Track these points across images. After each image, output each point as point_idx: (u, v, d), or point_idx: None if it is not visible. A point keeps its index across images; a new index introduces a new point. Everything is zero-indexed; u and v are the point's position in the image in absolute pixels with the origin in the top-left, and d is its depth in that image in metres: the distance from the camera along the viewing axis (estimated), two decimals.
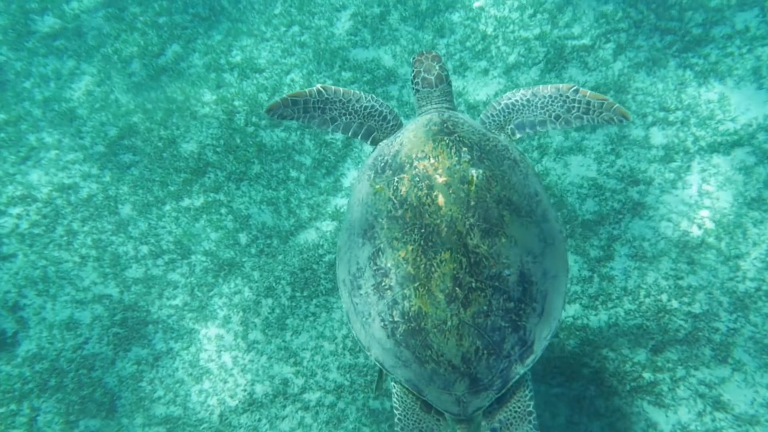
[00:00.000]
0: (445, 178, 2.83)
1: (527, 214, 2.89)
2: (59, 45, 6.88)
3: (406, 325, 2.76)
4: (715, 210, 5.00)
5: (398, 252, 2.77)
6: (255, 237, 5.64)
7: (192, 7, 7.12)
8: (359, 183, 3.17)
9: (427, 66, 3.46)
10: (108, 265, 5.47)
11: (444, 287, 2.69)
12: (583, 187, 5.41)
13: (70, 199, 5.78)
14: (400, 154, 3.01)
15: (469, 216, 2.76)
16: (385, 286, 2.80)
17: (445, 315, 2.69)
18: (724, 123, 5.38)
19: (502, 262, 2.73)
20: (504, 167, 2.96)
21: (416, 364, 2.77)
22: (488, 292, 2.70)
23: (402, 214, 2.83)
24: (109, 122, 6.26)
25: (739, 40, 5.68)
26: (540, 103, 3.41)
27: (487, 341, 2.70)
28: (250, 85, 6.49)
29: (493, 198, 2.83)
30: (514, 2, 6.61)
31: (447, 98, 3.49)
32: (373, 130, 3.48)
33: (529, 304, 2.78)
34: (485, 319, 2.69)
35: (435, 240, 2.74)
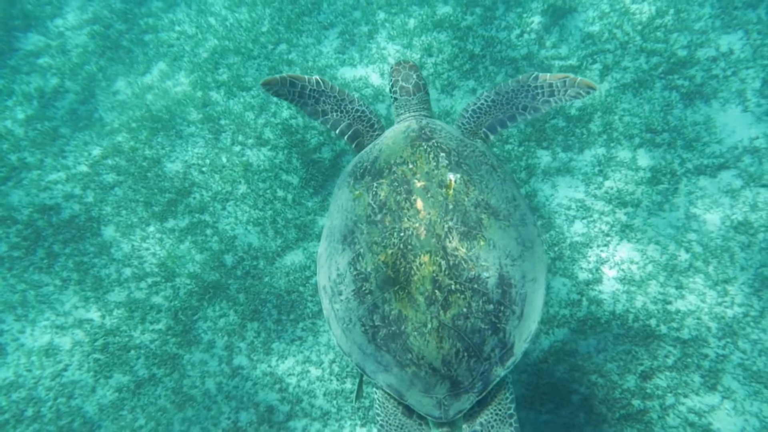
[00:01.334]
0: (423, 183, 2.87)
1: (505, 217, 2.92)
2: (43, 63, 6.78)
3: (387, 329, 2.77)
4: (702, 233, 5.00)
5: (378, 256, 2.79)
6: (241, 258, 5.56)
7: (178, 25, 7.06)
8: (339, 190, 3.20)
9: (405, 75, 3.51)
10: (90, 289, 5.36)
11: (424, 290, 2.70)
12: (571, 209, 5.40)
13: (52, 221, 5.67)
14: (379, 160, 3.04)
15: (448, 219, 2.79)
16: (365, 290, 2.81)
17: (425, 318, 2.70)
18: (710, 145, 5.39)
19: (481, 265, 2.76)
20: (482, 172, 3.00)
21: (397, 368, 2.78)
22: (468, 294, 2.71)
23: (381, 219, 2.86)
24: (93, 141, 6.17)
25: (723, 63, 5.72)
26: (505, 100, 3.47)
27: (468, 343, 2.71)
28: (236, 103, 6.43)
29: (471, 202, 2.86)
30: (501, 22, 6.62)
31: (425, 106, 3.54)
32: (359, 135, 3.51)
33: (509, 306, 2.79)
34: (465, 321, 2.70)
35: (414, 243, 2.76)
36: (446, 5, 6.93)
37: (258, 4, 7.17)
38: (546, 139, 5.77)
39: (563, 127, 5.80)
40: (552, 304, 4.99)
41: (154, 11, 7.18)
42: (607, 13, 6.30)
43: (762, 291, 4.65)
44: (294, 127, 6.21)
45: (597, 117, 5.79)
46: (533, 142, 5.79)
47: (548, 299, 5.04)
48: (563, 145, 5.72)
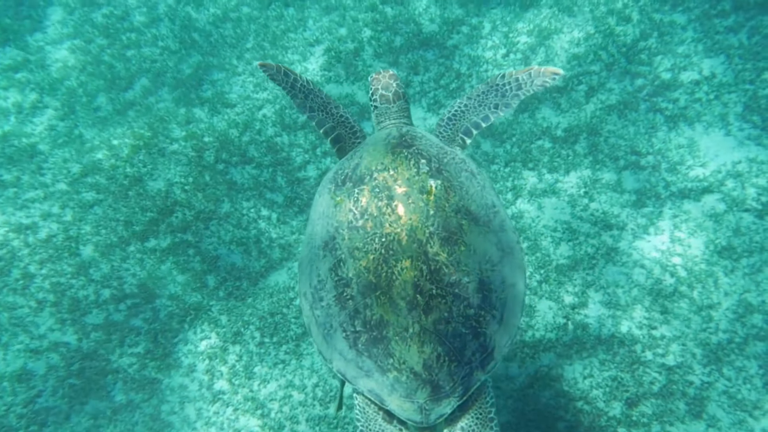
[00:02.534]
0: (404, 189, 2.89)
1: (485, 223, 2.96)
2: (21, 78, 6.64)
3: (368, 334, 2.77)
4: (686, 257, 5.01)
5: (359, 261, 2.80)
6: (224, 279, 5.46)
7: (161, 40, 6.97)
8: (320, 197, 3.20)
9: (385, 83, 3.55)
10: (66, 311, 5.22)
11: (405, 294, 2.71)
12: (557, 231, 5.39)
13: (28, 240, 5.52)
14: (360, 167, 3.05)
15: (429, 225, 2.81)
16: (346, 296, 2.81)
17: (407, 322, 2.71)
18: (694, 168, 5.43)
19: (462, 270, 2.78)
20: (462, 178, 3.02)
21: (378, 373, 2.78)
22: (449, 299, 2.73)
23: (363, 224, 2.86)
24: (72, 159, 6.03)
25: (706, 86, 5.77)
26: (477, 103, 3.56)
27: (449, 348, 2.72)
28: (220, 120, 6.35)
29: (452, 208, 2.88)
30: (488, 41, 6.64)
31: (405, 114, 3.57)
32: (342, 140, 3.56)
33: (489, 311, 2.82)
34: (446, 326, 2.72)
35: (396, 248, 2.77)
36: (433, 24, 6.93)
37: (243, 20, 7.11)
38: (532, 160, 5.77)
39: (549, 149, 5.81)
40: (538, 327, 4.96)
41: (136, 26, 7.09)
42: (593, 35, 6.35)
43: (746, 317, 4.66)
44: (279, 145, 6.15)
45: (583, 138, 5.81)
46: (519, 163, 5.78)
47: (534, 323, 5.01)
48: (549, 167, 5.72)
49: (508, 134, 5.94)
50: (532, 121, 6.00)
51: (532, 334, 4.93)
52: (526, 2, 6.76)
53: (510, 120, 6.04)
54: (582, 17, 6.51)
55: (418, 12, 7.07)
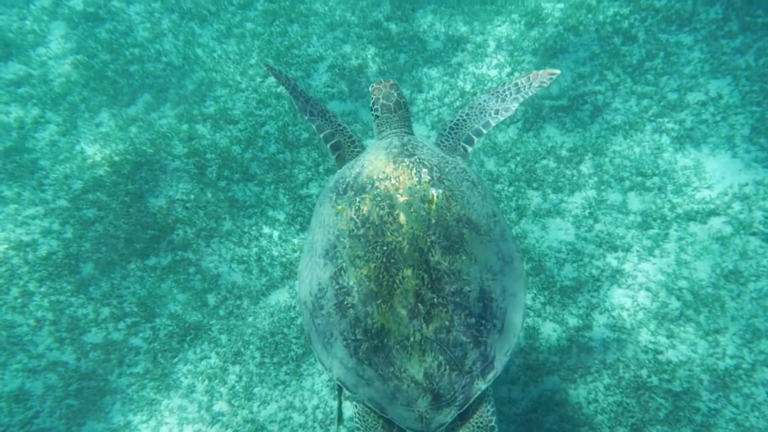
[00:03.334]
0: (406, 198, 2.90)
1: (486, 232, 2.97)
2: (23, 92, 6.62)
3: (369, 343, 2.77)
4: (693, 281, 4.95)
5: (360, 270, 2.81)
6: (224, 298, 5.41)
7: (165, 56, 6.96)
8: (321, 206, 3.22)
9: (386, 93, 3.58)
10: (65, 329, 5.16)
11: (406, 303, 2.72)
12: (562, 252, 5.33)
13: (28, 258, 5.47)
14: (361, 176, 3.07)
15: (431, 234, 2.82)
16: (347, 304, 2.82)
17: (408, 331, 2.71)
18: (700, 191, 5.38)
19: (463, 279, 2.79)
20: (463, 188, 3.04)
21: (379, 381, 2.78)
22: (450, 308, 2.74)
23: (364, 233, 2.87)
24: (74, 175, 6.00)
25: (713, 107, 5.74)
26: (478, 111, 3.67)
27: (450, 357, 2.73)
28: (223, 137, 6.32)
29: (453, 217, 2.90)
30: (492, 60, 6.62)
31: (406, 123, 3.61)
32: (340, 147, 3.61)
33: (490, 320, 2.83)
34: (447, 335, 2.72)
35: (397, 257, 2.78)
36: (437, 41, 6.92)
37: (247, 35, 7.11)
38: (536, 180, 5.72)
39: (554, 168, 5.77)
40: (541, 350, 4.89)
41: (140, 41, 7.08)
42: (598, 55, 6.32)
43: (753, 343, 4.60)
44: (281, 162, 6.12)
45: (588, 158, 5.77)
46: (523, 183, 5.74)
47: (537, 345, 4.94)
48: (554, 187, 5.67)
49: (513, 153, 5.90)
50: (536, 141, 5.96)
51: (535, 357, 4.86)
52: (531, 21, 6.75)
53: (514, 139, 6.00)
54: (588, 36, 6.49)
55: (423, 29, 7.06)
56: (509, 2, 7.06)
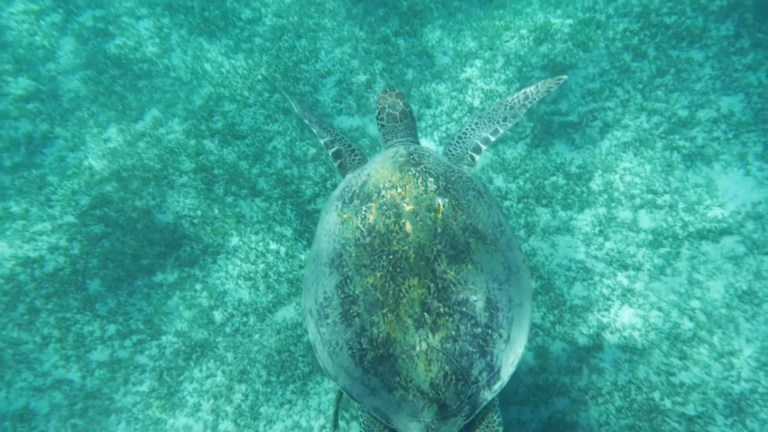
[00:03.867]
0: (412, 207, 2.91)
1: (492, 242, 2.96)
2: (32, 108, 6.64)
3: (375, 352, 2.75)
4: (705, 301, 4.87)
5: (366, 279, 2.80)
6: (230, 315, 5.37)
7: (173, 71, 6.98)
8: (326, 214, 3.20)
9: (392, 102, 3.58)
10: (71, 347, 5.13)
11: (412, 312, 2.71)
12: (571, 270, 5.27)
13: (35, 274, 5.46)
14: (367, 184, 3.07)
15: (437, 243, 2.82)
16: (353, 313, 2.81)
17: (414, 340, 2.69)
18: (712, 209, 5.31)
19: (469, 288, 2.77)
20: (469, 197, 3.04)
21: (384, 391, 2.75)
22: (456, 317, 2.72)
23: (370, 242, 2.87)
24: (81, 190, 6.00)
25: (724, 125, 5.68)
26: (487, 120, 3.70)
27: (456, 367, 2.71)
28: (230, 152, 6.31)
29: (459, 226, 2.90)
30: (501, 75, 6.59)
31: (411, 132, 3.61)
32: (341, 155, 3.62)
33: (496, 330, 2.80)
34: (453, 344, 2.70)
35: (403, 266, 2.77)
36: (446, 56, 6.90)
37: (255, 50, 7.12)
38: (545, 197, 5.67)
39: (563, 185, 5.71)
40: (551, 370, 4.82)
41: (149, 56, 7.10)
42: (608, 71, 6.29)
43: None
44: (289, 178, 6.09)
45: (597, 175, 5.71)
46: (532, 199, 5.69)
47: (547, 365, 4.87)
48: (563, 204, 5.62)
49: (521, 170, 5.86)
50: (545, 157, 5.91)
51: (545, 378, 4.79)
52: (540, 37, 6.73)
53: (523, 155, 5.96)
54: (597, 52, 6.46)
55: (431, 44, 7.05)
56: (518, 18, 7.04)
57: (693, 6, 6.47)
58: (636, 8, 6.68)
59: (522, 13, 7.10)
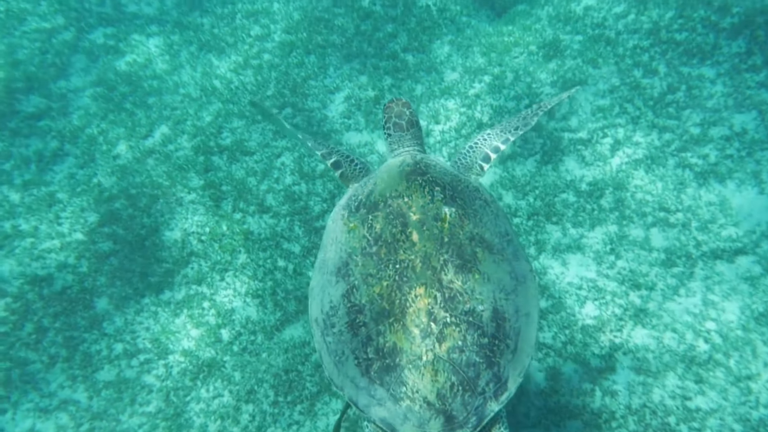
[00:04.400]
0: (419, 216, 2.91)
1: (499, 251, 2.95)
2: (43, 125, 6.68)
3: (381, 362, 2.74)
4: (721, 323, 4.78)
5: (373, 288, 2.80)
6: (238, 333, 5.33)
7: (183, 87, 7.00)
8: (333, 223, 3.20)
9: (398, 111, 3.59)
10: (78, 366, 5.11)
11: (419, 322, 2.70)
12: (583, 289, 5.20)
13: (43, 293, 5.45)
14: (374, 193, 3.08)
15: (443, 252, 2.82)
16: (359, 323, 2.80)
17: (421, 350, 2.68)
18: (726, 228, 5.23)
19: (476, 298, 2.77)
20: (475, 206, 3.05)
21: (391, 401, 2.73)
22: (463, 327, 2.71)
23: (377, 251, 2.87)
24: (90, 208, 6.01)
25: (737, 143, 5.61)
26: (499, 130, 3.72)
27: (462, 377, 2.69)
28: (239, 168, 6.31)
29: (466, 235, 2.90)
30: (510, 91, 6.56)
31: (418, 141, 3.62)
32: (341, 165, 3.62)
33: (503, 340, 2.79)
34: (460, 355, 2.69)
35: (410, 275, 2.77)
36: (454, 72, 6.89)
37: (264, 67, 7.14)
38: (555, 214, 5.61)
39: (573, 203, 5.66)
40: (563, 392, 4.74)
41: (159, 73, 7.14)
42: (618, 87, 6.24)
43: None
44: (297, 194, 6.08)
45: (608, 193, 5.65)
46: (542, 217, 5.63)
47: (558, 387, 4.79)
48: (573, 221, 5.56)
49: (531, 186, 5.81)
50: (555, 174, 5.86)
51: (557, 400, 4.71)
52: (550, 53, 6.70)
53: (532, 172, 5.91)
54: (607, 69, 6.42)
55: (440, 60, 7.05)
56: (527, 33, 7.03)
57: (704, 23, 6.43)
58: (646, 25, 6.65)
59: (531, 29, 7.09)
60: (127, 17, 7.62)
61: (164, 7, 7.67)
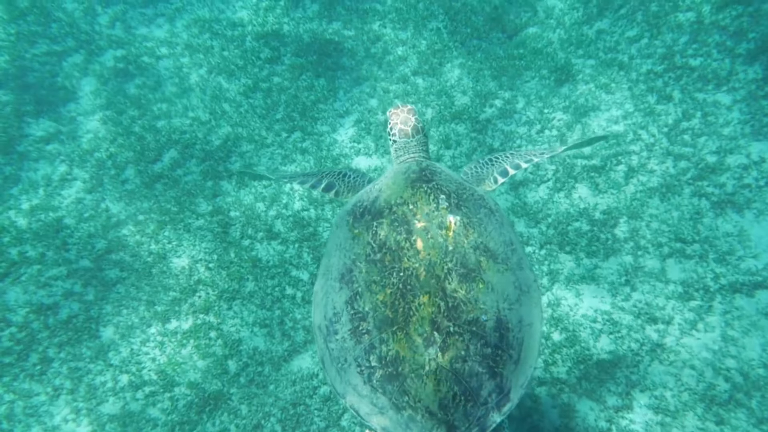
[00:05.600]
0: (423, 224, 2.91)
1: (503, 261, 2.94)
2: (52, 149, 6.66)
3: (383, 370, 2.72)
4: (742, 360, 4.64)
5: (376, 295, 2.79)
6: (245, 364, 5.23)
7: (192, 111, 6.97)
8: (337, 228, 3.20)
9: (404, 118, 3.58)
10: (82, 399, 5.02)
11: (422, 331, 2.68)
12: (597, 322, 5.07)
13: (48, 322, 5.39)
14: (379, 200, 3.07)
15: (448, 261, 2.81)
16: (362, 330, 2.79)
17: (423, 359, 2.66)
18: (745, 260, 5.10)
19: (480, 308, 2.75)
20: (480, 215, 3.04)
21: (393, 410, 2.71)
22: (466, 337, 2.69)
23: (381, 258, 2.86)
24: (98, 234, 5.96)
25: (755, 172, 5.50)
26: (524, 152, 3.75)
27: (465, 387, 2.68)
28: (247, 194, 6.24)
29: (471, 244, 2.89)
30: (522, 116, 6.48)
31: (423, 148, 3.60)
32: (333, 186, 3.66)
33: (506, 350, 2.78)
34: (463, 365, 2.67)
35: (413, 283, 2.76)
36: (465, 96, 6.83)
37: (273, 90, 7.10)
38: (569, 243, 5.50)
39: (587, 231, 5.55)
40: (578, 430, 4.60)
41: (168, 96, 7.11)
42: (632, 113, 6.15)
43: None
44: (306, 220, 6.00)
45: (623, 222, 5.54)
46: (555, 246, 5.52)
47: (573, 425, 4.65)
48: (587, 251, 5.45)
49: (543, 214, 5.71)
50: (568, 201, 5.76)
51: None
52: (562, 78, 6.63)
53: (545, 199, 5.81)
54: (620, 94, 6.34)
55: (450, 84, 6.98)
56: (538, 57, 6.96)
57: (719, 48, 6.33)
58: (659, 49, 6.57)
59: (542, 53, 7.03)
60: (137, 39, 7.61)
61: (174, 29, 7.66)
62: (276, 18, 7.83)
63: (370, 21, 7.59)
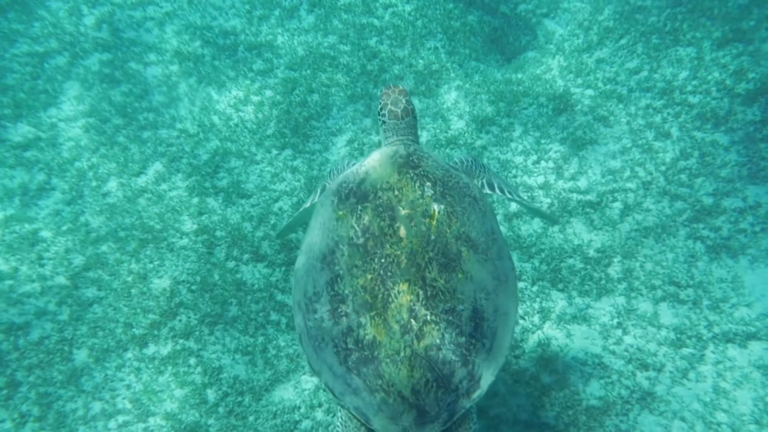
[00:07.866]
0: (407, 211, 2.96)
1: (483, 251, 3.00)
2: (30, 156, 6.36)
3: (359, 353, 2.82)
4: (733, 415, 4.58)
5: (357, 280, 2.86)
6: (225, 394, 5.04)
7: (180, 122, 6.73)
8: (322, 207, 3.23)
9: (395, 99, 3.58)
10: (50, 427, 4.78)
11: (400, 318, 2.77)
12: (587, 365, 4.98)
13: (18, 343, 5.13)
14: (365, 183, 3.09)
15: (429, 250, 2.87)
16: (341, 312, 2.87)
17: (399, 346, 2.76)
18: (738, 308, 5.05)
19: (457, 297, 2.84)
20: (464, 204, 3.08)
21: (366, 392, 2.81)
22: (442, 326, 2.78)
23: (363, 243, 2.92)
24: (76, 249, 5.70)
25: (751, 217, 5.45)
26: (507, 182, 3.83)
27: (438, 374, 2.77)
28: (234, 212, 6.04)
29: (453, 234, 2.95)
30: (518, 145, 6.38)
31: (412, 131, 3.61)
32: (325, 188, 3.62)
33: (480, 339, 2.87)
34: (437, 353, 2.77)
35: (394, 270, 2.83)
36: (461, 120, 6.70)
37: (265, 103, 6.90)
38: (561, 281, 5.41)
39: (580, 269, 5.46)
40: None
41: (155, 106, 6.86)
42: (629, 149, 6.08)
43: None
44: (294, 242, 5.82)
45: (617, 261, 5.46)
46: (548, 282, 5.43)
47: None
48: (580, 290, 5.36)
49: (537, 249, 5.61)
50: (562, 237, 5.67)
51: None
52: (560, 106, 6.53)
53: (539, 233, 5.71)
54: (618, 128, 6.26)
55: (447, 106, 6.86)
56: (536, 84, 6.86)
57: (718, 86, 6.29)
58: (659, 83, 6.51)
59: (541, 79, 6.93)
60: (125, 44, 7.34)
61: (164, 35, 7.40)
62: (270, 28, 7.62)
63: (367, 36, 7.43)
